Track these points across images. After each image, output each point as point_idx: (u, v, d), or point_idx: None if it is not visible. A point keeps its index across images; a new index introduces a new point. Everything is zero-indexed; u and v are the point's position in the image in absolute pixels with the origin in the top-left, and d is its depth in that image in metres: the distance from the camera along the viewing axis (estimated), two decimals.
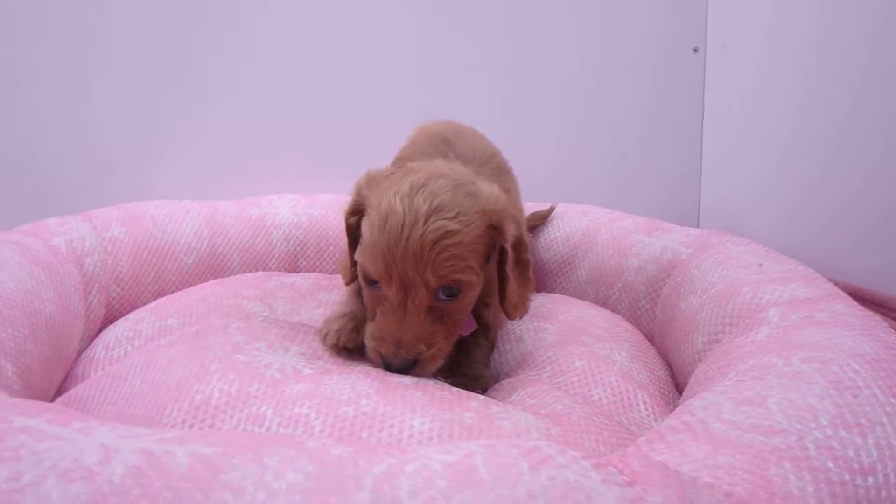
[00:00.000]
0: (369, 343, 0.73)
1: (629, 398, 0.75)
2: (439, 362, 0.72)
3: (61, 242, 0.93)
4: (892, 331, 0.64)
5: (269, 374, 0.68)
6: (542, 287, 1.18)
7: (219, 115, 1.40)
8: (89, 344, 0.93)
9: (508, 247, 0.72)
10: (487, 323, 0.86)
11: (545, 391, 0.72)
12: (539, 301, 1.01)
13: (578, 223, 1.18)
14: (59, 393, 0.83)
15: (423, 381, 0.70)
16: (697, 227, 1.50)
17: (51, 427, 0.42)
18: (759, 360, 0.59)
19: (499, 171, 0.96)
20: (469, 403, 0.64)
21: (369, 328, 0.73)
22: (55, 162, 1.34)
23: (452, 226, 0.67)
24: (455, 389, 0.69)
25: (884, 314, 1.03)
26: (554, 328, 0.89)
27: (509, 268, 0.73)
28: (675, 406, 0.81)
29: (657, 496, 0.38)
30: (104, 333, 0.95)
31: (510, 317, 0.77)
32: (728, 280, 0.82)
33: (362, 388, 0.66)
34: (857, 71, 1.13)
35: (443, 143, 0.96)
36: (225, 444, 0.39)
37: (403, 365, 0.70)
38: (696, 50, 1.50)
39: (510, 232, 0.72)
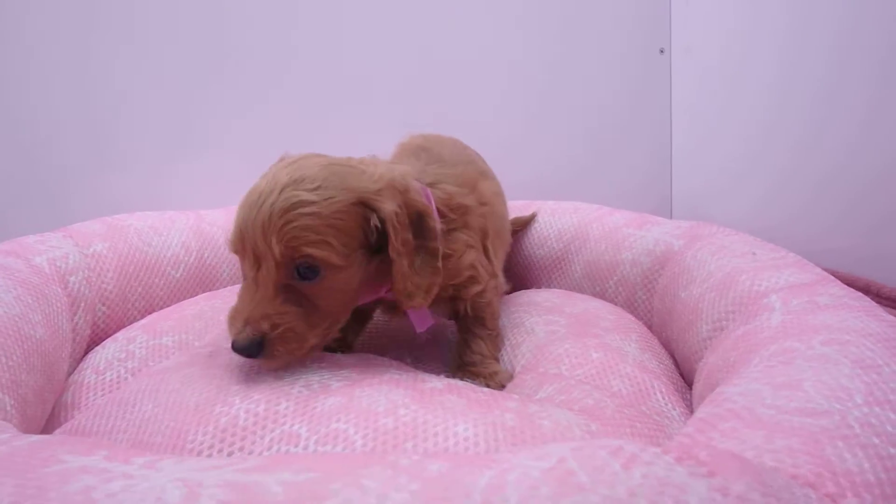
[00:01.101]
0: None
1: (646, 388, 0.76)
2: (293, 348, 0.67)
3: (44, 261, 0.88)
4: (881, 309, 0.68)
5: (296, 391, 0.66)
6: (537, 283, 1.19)
7: (200, 119, 1.37)
8: (75, 368, 0.89)
9: (388, 227, 0.67)
10: (476, 313, 0.85)
11: (572, 386, 0.73)
12: (543, 296, 1.02)
13: (570, 219, 1.20)
14: (49, 422, 0.79)
15: (454, 383, 0.70)
16: (670, 217, 1.54)
17: (112, 464, 0.40)
18: (780, 345, 0.60)
19: (475, 174, 0.94)
20: (506, 404, 0.64)
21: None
22: (20, 173, 1.28)
23: (307, 196, 0.64)
24: (488, 389, 0.69)
25: None
26: (564, 321, 0.90)
27: (391, 249, 0.68)
28: (686, 393, 0.83)
29: (739, 484, 0.39)
30: (92, 356, 0.91)
31: (402, 305, 0.73)
32: (725, 269, 0.84)
33: (397, 397, 0.65)
34: (819, 67, 1.18)
35: (421, 150, 0.96)
36: (315, 468, 0.38)
37: (246, 344, 0.65)
38: (662, 51, 1.55)
39: (386, 209, 0.67)
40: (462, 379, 0.77)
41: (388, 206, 0.67)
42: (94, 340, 0.95)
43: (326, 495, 0.36)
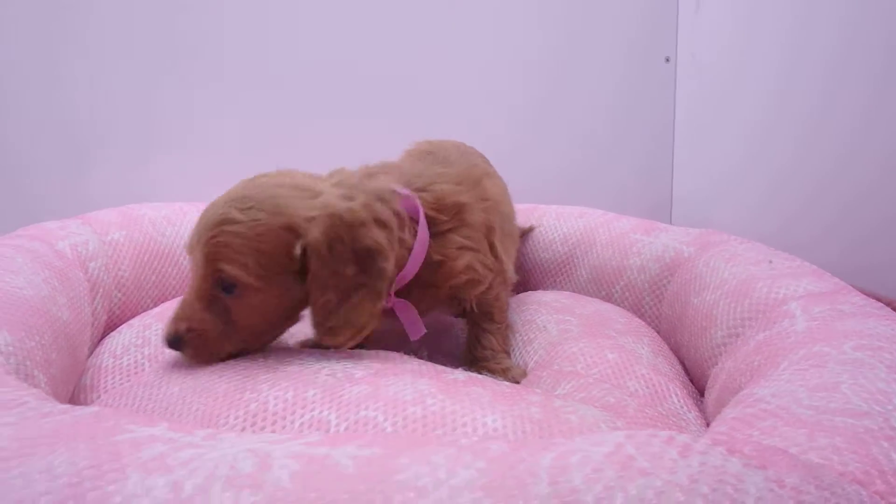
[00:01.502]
0: None
1: (662, 390, 0.78)
2: (202, 353, 0.70)
3: (66, 247, 0.89)
4: None
5: (322, 380, 0.67)
6: (542, 286, 1.21)
7: (207, 112, 1.37)
8: (93, 352, 0.89)
9: (310, 256, 0.67)
10: (483, 309, 0.86)
11: (590, 384, 0.74)
12: (551, 296, 1.03)
13: (575, 224, 1.21)
14: (70, 403, 0.79)
15: (475, 376, 0.71)
16: (670, 222, 1.56)
17: (177, 435, 0.41)
18: (809, 349, 0.62)
19: (479, 172, 0.92)
20: (531, 397, 0.65)
21: None
22: (40, 162, 1.27)
23: (235, 215, 0.67)
24: (510, 385, 0.70)
25: None
26: (576, 321, 0.91)
27: (309, 278, 0.68)
28: (698, 398, 0.84)
29: (792, 477, 0.40)
30: (108, 341, 0.91)
31: (320, 340, 0.71)
32: (740, 276, 0.86)
33: (423, 387, 0.66)
34: (821, 76, 1.20)
35: (426, 154, 0.98)
36: (379, 444, 0.39)
37: (167, 338, 0.71)
38: (667, 59, 1.57)
39: (311, 237, 0.67)
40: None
41: (314, 235, 0.67)
42: (110, 326, 0.96)
43: (396, 469, 0.36)
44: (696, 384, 0.88)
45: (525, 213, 1.25)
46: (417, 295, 0.80)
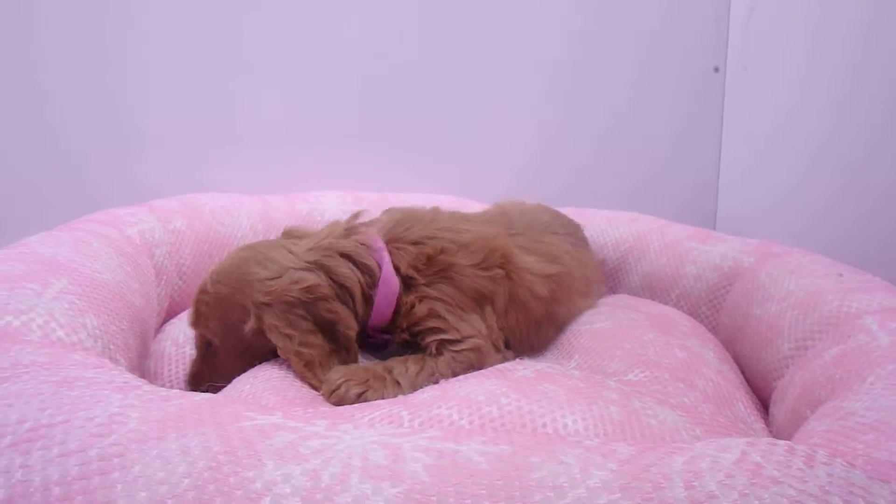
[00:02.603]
0: None
1: (730, 396, 0.77)
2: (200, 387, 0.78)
3: (135, 233, 0.90)
4: None
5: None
6: None
7: (261, 108, 1.37)
8: (154, 338, 0.90)
9: (271, 336, 0.74)
10: (441, 350, 0.78)
11: (665, 379, 0.73)
12: (611, 298, 1.04)
13: (627, 229, 1.21)
14: None
15: (542, 370, 0.71)
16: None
17: (299, 424, 0.41)
18: None
19: (504, 245, 0.86)
20: (608, 395, 0.65)
21: None
22: (101, 151, 1.29)
23: (208, 285, 0.77)
24: (582, 376, 0.70)
25: None
26: (643, 318, 0.91)
27: (280, 353, 0.75)
28: (761, 409, 0.84)
29: None
30: (169, 328, 0.92)
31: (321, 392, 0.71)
32: (808, 289, 0.86)
33: (493, 387, 0.66)
34: (883, 91, 1.19)
35: (500, 214, 1.02)
36: (503, 442, 0.39)
37: (189, 381, 0.81)
38: (716, 69, 1.55)
39: (265, 323, 0.74)
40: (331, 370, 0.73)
41: (269, 321, 0.74)
42: (170, 313, 0.97)
43: (530, 468, 0.37)
44: (758, 395, 0.88)
45: (575, 216, 1.24)
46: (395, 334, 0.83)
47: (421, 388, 0.72)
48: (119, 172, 1.30)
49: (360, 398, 0.67)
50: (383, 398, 0.68)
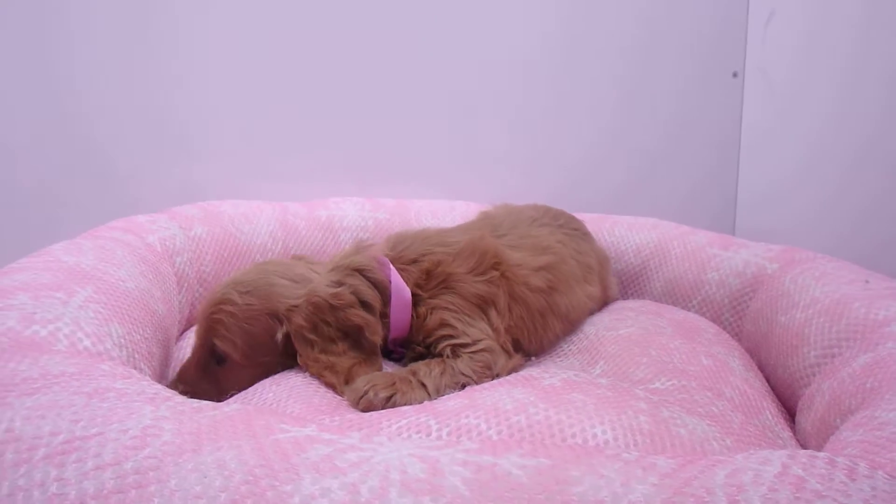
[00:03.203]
0: None
1: (756, 403, 0.77)
2: None
3: (156, 241, 0.90)
4: None
5: None
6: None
7: (282, 118, 1.38)
8: (175, 345, 0.90)
9: (295, 341, 0.75)
10: (456, 353, 0.79)
11: (693, 388, 0.72)
12: (635, 303, 1.03)
13: (648, 235, 1.20)
14: None
15: (569, 379, 0.71)
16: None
17: (333, 436, 0.41)
18: None
19: (493, 246, 0.88)
20: (637, 404, 0.65)
21: None
22: (128, 157, 1.30)
23: (234, 297, 0.75)
24: (609, 384, 0.69)
25: None
26: (668, 324, 0.90)
27: (300, 360, 0.76)
28: (787, 417, 0.83)
29: None
30: (190, 335, 0.92)
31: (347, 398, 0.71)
32: (833, 296, 0.84)
33: (521, 396, 0.66)
34: None
35: (483, 218, 1.04)
36: (541, 455, 0.39)
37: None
38: (735, 74, 1.54)
39: (293, 324, 0.75)
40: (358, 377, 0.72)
41: (297, 321, 0.75)
42: (191, 321, 0.97)
43: (571, 482, 0.36)
44: (784, 403, 0.87)
45: (595, 222, 1.24)
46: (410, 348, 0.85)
47: (445, 390, 0.72)
48: (145, 178, 1.31)
49: (388, 402, 0.67)
50: (410, 403, 0.68)
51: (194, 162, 1.34)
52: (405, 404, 0.68)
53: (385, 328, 0.81)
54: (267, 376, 0.77)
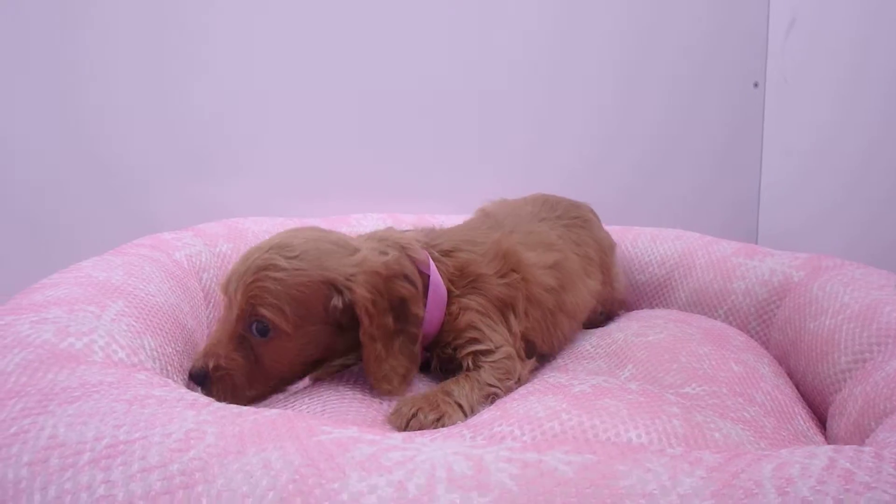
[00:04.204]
0: None
1: (788, 409, 0.76)
2: (227, 395, 0.67)
3: (183, 257, 0.91)
4: None
5: None
6: (638, 308, 1.19)
7: (305, 137, 1.40)
8: None
9: (360, 312, 0.70)
10: (478, 364, 0.78)
11: (723, 393, 0.72)
12: (662, 312, 1.04)
13: (672, 246, 1.20)
14: None
15: (598, 385, 0.70)
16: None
17: (375, 436, 0.41)
18: None
19: (512, 247, 0.88)
20: (669, 409, 0.64)
21: None
22: (154, 174, 1.33)
23: (280, 262, 0.69)
24: (639, 389, 0.69)
25: None
26: (696, 331, 0.90)
27: (363, 334, 0.71)
28: (818, 423, 0.82)
29: None
30: None
31: (376, 389, 0.72)
32: (863, 301, 0.84)
33: (553, 403, 0.65)
34: None
35: (485, 217, 1.01)
36: (585, 451, 0.39)
37: (195, 373, 0.69)
38: (756, 85, 1.54)
39: (357, 295, 0.70)
40: (402, 405, 0.69)
41: (361, 292, 0.70)
42: None
43: (617, 476, 0.36)
44: (813, 410, 0.86)
45: (618, 234, 1.24)
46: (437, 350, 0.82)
47: (478, 407, 0.72)
48: (167, 195, 1.33)
49: (438, 423, 0.66)
50: (455, 424, 0.67)
51: (217, 179, 1.35)
52: (451, 425, 0.66)
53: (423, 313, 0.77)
54: (313, 353, 0.73)
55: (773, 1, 1.51)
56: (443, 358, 0.82)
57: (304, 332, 0.70)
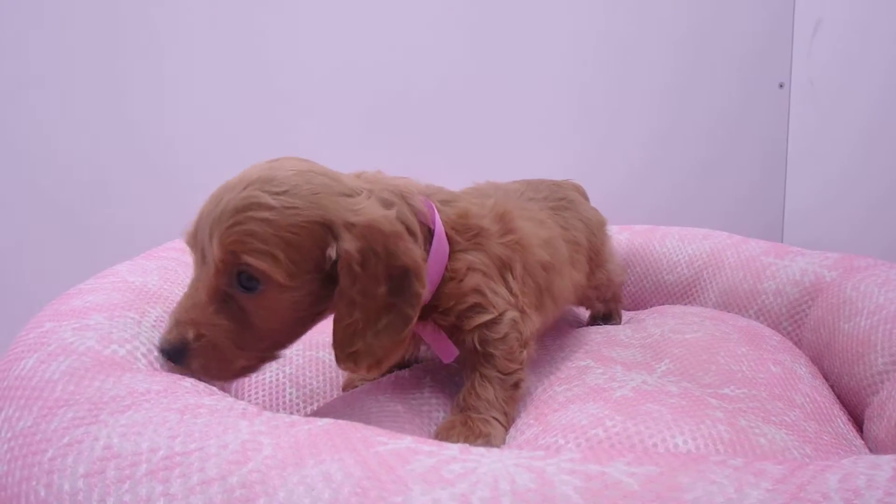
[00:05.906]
0: None
1: (827, 411, 0.75)
2: (213, 367, 0.58)
3: None
4: None
5: None
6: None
7: (325, 144, 1.41)
8: None
9: (340, 267, 0.58)
10: (486, 349, 0.70)
11: (763, 397, 0.71)
12: (696, 309, 1.03)
13: (701, 246, 1.19)
14: None
15: (639, 388, 0.70)
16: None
17: (431, 448, 0.41)
18: None
19: (511, 210, 0.80)
20: (713, 413, 0.64)
21: None
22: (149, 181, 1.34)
23: (266, 199, 0.56)
24: (680, 392, 0.68)
25: None
26: (732, 330, 0.89)
27: (337, 293, 0.58)
28: (855, 424, 0.81)
29: None
30: None
31: (339, 364, 0.60)
32: None
33: (595, 409, 0.65)
34: None
35: (477, 189, 0.91)
36: (648, 462, 0.38)
37: (168, 348, 0.57)
38: (781, 86, 1.53)
39: (344, 247, 0.58)
40: (448, 437, 0.64)
41: (349, 245, 0.58)
42: None
43: (683, 488, 0.36)
44: (850, 412, 0.85)
45: (645, 234, 1.24)
46: (420, 323, 0.70)
47: (509, 407, 0.70)
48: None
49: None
50: (503, 440, 0.65)
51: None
52: (498, 446, 0.61)
53: None
54: (311, 309, 0.61)
55: (799, 2, 1.50)
56: (442, 326, 0.71)
57: (301, 281, 0.58)
